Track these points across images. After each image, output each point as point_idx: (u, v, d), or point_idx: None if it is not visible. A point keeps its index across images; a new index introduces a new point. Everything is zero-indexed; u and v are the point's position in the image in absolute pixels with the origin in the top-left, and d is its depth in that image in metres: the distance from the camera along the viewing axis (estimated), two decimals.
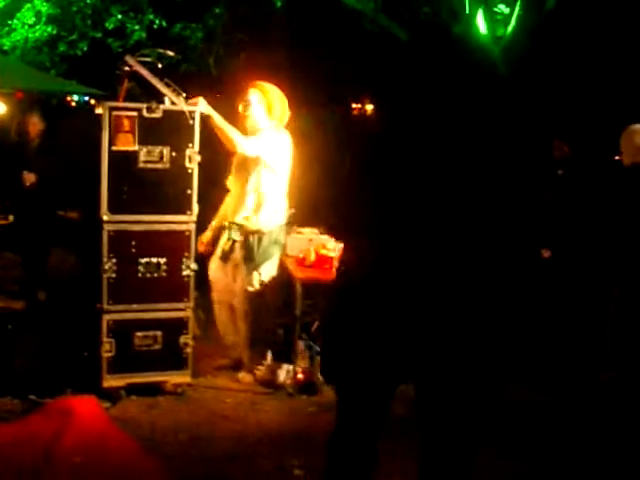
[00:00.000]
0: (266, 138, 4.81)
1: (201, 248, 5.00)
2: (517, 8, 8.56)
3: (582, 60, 9.47)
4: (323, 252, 4.92)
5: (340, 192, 2.62)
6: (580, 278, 5.55)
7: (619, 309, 4.96)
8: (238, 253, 4.88)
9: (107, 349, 4.44)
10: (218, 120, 4.62)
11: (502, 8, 8.92)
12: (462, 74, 2.37)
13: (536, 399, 4.82)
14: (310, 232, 5.24)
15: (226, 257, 4.93)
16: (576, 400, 4.83)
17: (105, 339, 4.44)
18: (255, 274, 4.84)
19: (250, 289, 4.85)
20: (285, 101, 4.93)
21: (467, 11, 8.84)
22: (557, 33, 8.90)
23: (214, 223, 5.09)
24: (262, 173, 4.82)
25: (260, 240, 4.83)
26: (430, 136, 2.38)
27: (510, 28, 8.67)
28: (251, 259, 4.83)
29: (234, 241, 4.87)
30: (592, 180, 5.67)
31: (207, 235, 5.07)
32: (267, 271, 4.88)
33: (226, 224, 4.93)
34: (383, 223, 2.42)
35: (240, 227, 4.86)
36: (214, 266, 5.03)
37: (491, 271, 2.40)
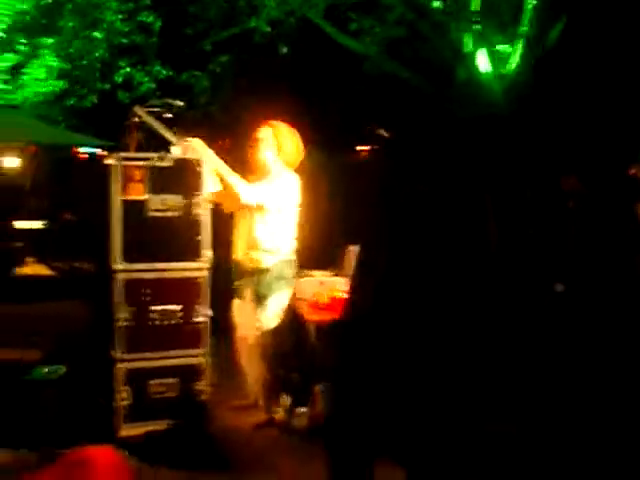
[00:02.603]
0: (272, 183, 4.85)
1: None
2: (519, 46, 8.65)
3: (587, 92, 9.52)
4: (336, 294, 4.92)
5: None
6: (594, 312, 5.51)
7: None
8: (248, 291, 4.90)
9: (123, 398, 4.44)
10: (221, 169, 4.68)
11: (504, 47, 9.01)
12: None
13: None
14: (321, 275, 5.25)
15: (240, 295, 4.97)
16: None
17: (120, 388, 4.44)
18: (260, 309, 4.85)
19: (260, 325, 4.86)
20: (298, 141, 4.96)
21: (469, 50, 8.94)
22: (561, 67, 8.97)
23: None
24: (266, 213, 4.85)
25: (263, 276, 4.84)
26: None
27: (513, 65, 8.76)
28: (257, 296, 4.86)
29: (243, 279, 4.92)
30: (603, 213, 5.67)
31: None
32: (273, 306, 4.87)
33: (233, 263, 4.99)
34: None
35: (243, 264, 4.90)
36: (235, 305, 5.06)
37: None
